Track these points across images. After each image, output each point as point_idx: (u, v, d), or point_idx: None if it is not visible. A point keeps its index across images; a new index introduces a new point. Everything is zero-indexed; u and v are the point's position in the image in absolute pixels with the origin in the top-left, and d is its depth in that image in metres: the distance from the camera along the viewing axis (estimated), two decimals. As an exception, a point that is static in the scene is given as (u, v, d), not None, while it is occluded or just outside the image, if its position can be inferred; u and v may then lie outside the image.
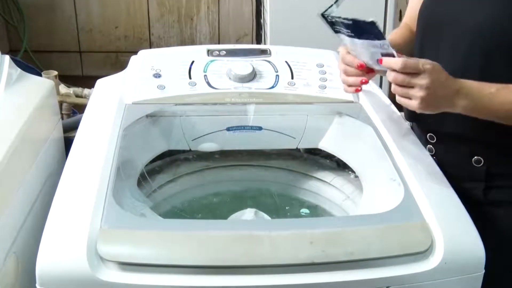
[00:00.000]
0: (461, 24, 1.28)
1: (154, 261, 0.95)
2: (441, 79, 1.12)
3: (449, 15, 1.32)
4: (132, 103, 1.45)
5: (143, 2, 4.28)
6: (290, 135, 1.49)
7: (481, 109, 1.17)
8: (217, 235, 1.01)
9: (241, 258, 0.96)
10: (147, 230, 1.02)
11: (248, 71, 1.50)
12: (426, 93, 1.10)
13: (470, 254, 1.04)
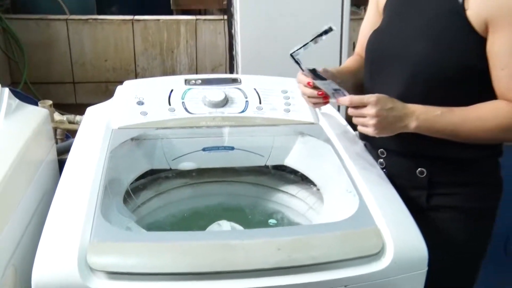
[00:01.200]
0: (402, 57, 1.31)
1: (140, 269, 0.96)
2: (386, 106, 1.18)
3: (391, 49, 1.35)
4: (118, 128, 1.46)
5: (129, 38, 4.31)
6: (259, 153, 1.51)
7: (430, 129, 1.22)
8: (195, 245, 1.02)
9: (217, 265, 0.97)
10: (133, 242, 1.03)
11: (221, 97, 1.51)
12: (376, 120, 1.17)
13: (416, 254, 1.07)
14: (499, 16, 1.18)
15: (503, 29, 1.18)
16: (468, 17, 1.22)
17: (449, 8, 1.24)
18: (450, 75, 1.25)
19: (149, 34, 4.35)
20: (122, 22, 4.37)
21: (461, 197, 1.36)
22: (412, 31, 1.30)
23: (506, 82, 1.21)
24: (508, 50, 1.18)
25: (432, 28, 1.27)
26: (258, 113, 1.51)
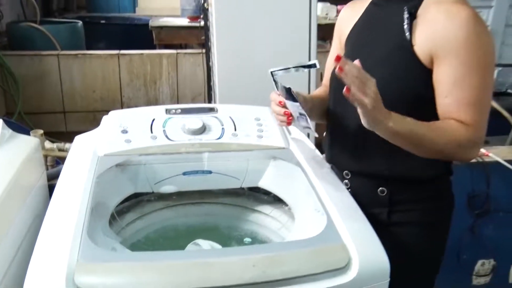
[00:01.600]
0: None
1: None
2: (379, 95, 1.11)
3: None
4: (104, 155, 1.44)
5: (115, 71, 4.33)
6: (235, 176, 1.50)
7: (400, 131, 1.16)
8: (176, 263, 1.01)
9: (197, 282, 0.96)
10: (118, 262, 1.02)
11: (199, 125, 1.51)
12: (376, 96, 1.09)
13: (378, 266, 1.08)
14: (441, 50, 1.21)
15: (445, 62, 1.21)
16: (416, 52, 1.24)
17: (400, 44, 1.27)
18: (404, 103, 1.26)
19: (134, 67, 4.36)
20: (109, 56, 4.39)
21: (419, 212, 1.37)
22: (370, 63, 1.31)
23: (451, 108, 1.22)
24: (451, 80, 1.20)
25: (387, 61, 1.29)
26: (234, 139, 1.51)
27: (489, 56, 1.22)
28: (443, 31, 1.20)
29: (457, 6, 1.21)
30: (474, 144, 1.24)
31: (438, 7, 1.23)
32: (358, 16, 1.44)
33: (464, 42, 1.18)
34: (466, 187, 2.42)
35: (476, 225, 2.49)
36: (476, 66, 1.19)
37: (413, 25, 1.25)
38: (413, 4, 1.27)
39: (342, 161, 1.43)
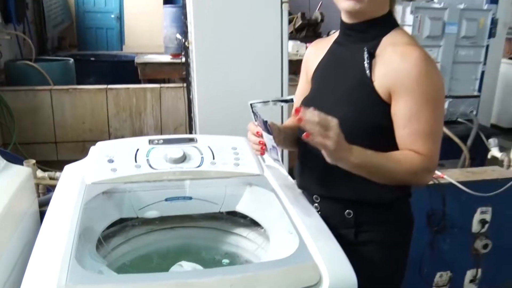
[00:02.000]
0: None
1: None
2: (341, 134, 1.12)
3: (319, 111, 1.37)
4: (91, 183, 1.42)
5: (103, 104, 4.34)
6: (213, 202, 1.49)
7: (361, 164, 1.19)
8: (159, 285, 1.00)
9: (178, 302, 0.94)
10: (104, 284, 1.00)
11: (180, 155, 1.50)
12: (336, 140, 1.10)
13: (347, 283, 1.07)
14: (397, 87, 1.23)
15: (401, 97, 1.23)
16: (375, 88, 1.26)
17: (361, 81, 1.28)
18: (367, 134, 1.28)
19: (120, 100, 4.36)
20: (97, 90, 4.39)
21: (382, 232, 1.38)
22: (334, 98, 1.34)
23: (407, 139, 1.25)
24: (407, 113, 1.23)
25: (350, 96, 1.31)
26: (212, 167, 1.50)
27: (439, 91, 1.25)
28: (399, 70, 1.23)
29: (410, 47, 1.25)
30: (428, 171, 1.26)
31: (394, 48, 1.26)
32: (323, 53, 1.46)
33: (416, 80, 1.21)
34: (425, 206, 2.44)
35: (434, 241, 2.51)
36: (428, 101, 1.22)
37: (372, 64, 1.28)
38: (372, 45, 1.29)
39: (311, 187, 1.43)
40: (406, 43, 1.27)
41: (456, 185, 2.47)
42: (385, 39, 1.30)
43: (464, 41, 3.34)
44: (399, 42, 1.27)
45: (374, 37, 1.31)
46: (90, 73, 6.02)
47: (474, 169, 2.77)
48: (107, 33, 9.58)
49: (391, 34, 1.30)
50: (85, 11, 9.42)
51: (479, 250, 2.60)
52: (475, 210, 2.57)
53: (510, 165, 2.72)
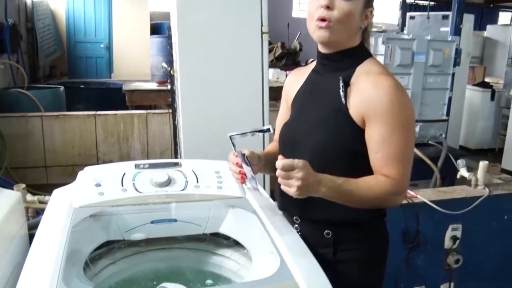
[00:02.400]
0: (305, 144, 1.34)
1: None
2: (309, 171, 1.16)
3: (296, 138, 1.38)
4: (79, 207, 1.39)
5: (92, 129, 4.31)
6: (197, 224, 1.46)
7: (332, 194, 1.22)
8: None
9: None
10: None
11: (165, 179, 1.48)
12: (301, 183, 1.14)
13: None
14: (370, 114, 1.25)
15: (374, 123, 1.24)
16: (350, 114, 1.27)
17: (337, 108, 1.29)
18: (341, 157, 1.29)
19: (108, 125, 4.33)
20: (86, 116, 4.36)
21: (359, 251, 1.37)
22: (312, 123, 1.35)
23: (380, 163, 1.26)
24: (380, 138, 1.24)
25: (327, 122, 1.32)
26: (196, 190, 1.49)
27: (410, 117, 1.27)
28: (372, 97, 1.24)
29: (382, 76, 1.27)
30: (398, 194, 1.27)
31: (367, 78, 1.28)
32: (302, 81, 1.46)
33: (388, 107, 1.22)
34: (400, 224, 2.45)
35: (409, 257, 2.51)
36: (399, 126, 1.23)
37: (347, 92, 1.29)
38: (347, 74, 1.31)
39: (291, 209, 1.42)
40: (378, 72, 1.29)
41: (428, 204, 2.48)
42: (359, 68, 1.31)
43: (432, 69, 3.40)
44: (372, 71, 1.29)
45: (348, 67, 1.32)
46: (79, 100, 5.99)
47: (445, 188, 2.79)
48: (96, 62, 9.57)
49: (365, 63, 1.32)
50: (76, 41, 9.42)
51: (451, 265, 2.60)
52: (447, 227, 2.59)
53: (477, 184, 2.74)
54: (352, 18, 1.26)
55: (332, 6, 1.24)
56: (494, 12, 14.58)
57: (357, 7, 1.26)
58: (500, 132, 6.46)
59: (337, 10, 1.24)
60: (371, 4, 1.31)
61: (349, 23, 1.26)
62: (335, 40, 1.28)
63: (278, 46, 7.56)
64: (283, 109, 1.54)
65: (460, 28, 5.59)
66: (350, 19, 1.26)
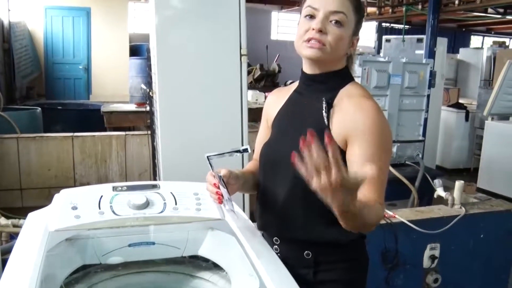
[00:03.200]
0: (286, 163, 1.32)
1: None
2: None
3: (277, 157, 1.38)
4: (54, 230, 1.35)
5: (69, 151, 4.25)
6: (176, 246, 1.44)
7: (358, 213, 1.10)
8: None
9: None
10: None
11: (142, 201, 1.45)
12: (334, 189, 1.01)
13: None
14: (353, 135, 1.25)
15: (356, 144, 1.25)
16: (333, 135, 1.27)
17: (319, 128, 1.28)
18: None
19: (86, 147, 4.28)
20: (63, 138, 4.31)
21: (340, 271, 1.36)
22: (292, 144, 1.34)
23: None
24: (361, 159, 1.23)
25: None
26: (174, 212, 1.46)
27: (389, 141, 1.29)
28: (355, 119, 1.26)
29: (364, 99, 1.29)
30: (382, 217, 1.28)
31: (349, 100, 1.30)
32: (283, 101, 1.47)
33: (370, 128, 1.24)
34: (379, 245, 2.45)
35: (389, 277, 2.52)
36: (380, 148, 1.24)
37: (330, 113, 1.29)
38: (330, 96, 1.32)
39: (271, 229, 1.41)
40: (361, 95, 1.31)
41: (407, 224, 2.50)
42: (342, 91, 1.33)
43: (407, 91, 3.47)
44: (354, 94, 1.31)
45: (332, 89, 1.34)
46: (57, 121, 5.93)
47: (422, 208, 2.82)
48: (74, 83, 9.52)
49: (348, 86, 1.34)
50: (54, 62, 9.38)
51: (430, 284, 2.62)
52: (425, 246, 2.61)
53: (454, 203, 2.78)
54: (342, 43, 1.29)
55: (325, 30, 1.26)
56: (466, 36, 15.01)
57: (347, 34, 1.29)
58: (475, 152, 6.59)
59: (330, 36, 1.26)
60: (358, 33, 1.34)
61: (338, 48, 1.29)
62: (324, 60, 1.30)
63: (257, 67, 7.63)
64: (263, 129, 1.55)
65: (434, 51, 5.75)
66: (340, 45, 1.28)
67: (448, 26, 13.07)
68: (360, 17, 1.33)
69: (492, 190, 5.36)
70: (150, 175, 3.93)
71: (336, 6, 1.27)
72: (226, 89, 2.71)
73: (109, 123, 5.12)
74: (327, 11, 1.27)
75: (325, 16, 1.27)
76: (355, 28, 1.32)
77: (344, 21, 1.27)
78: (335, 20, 1.26)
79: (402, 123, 3.49)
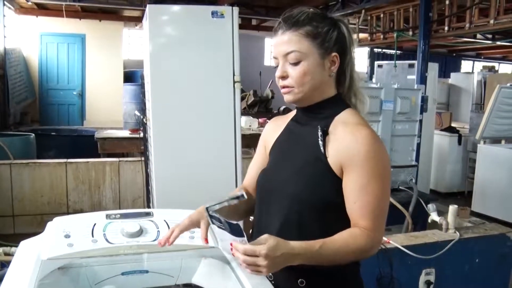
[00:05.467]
0: (282, 191, 1.34)
1: None
2: (276, 254, 1.15)
3: (274, 185, 1.38)
4: (47, 259, 1.33)
5: (63, 177, 4.24)
6: (169, 274, 1.43)
7: (312, 261, 1.22)
8: None
9: None
10: None
11: (136, 229, 1.45)
12: (267, 268, 1.16)
13: None
14: (349, 163, 1.26)
15: (352, 172, 1.26)
16: (329, 163, 1.29)
17: (316, 156, 1.31)
18: (318, 207, 1.29)
19: (79, 173, 4.27)
20: (57, 164, 4.30)
21: (335, 299, 1.35)
22: (290, 172, 1.36)
23: (358, 213, 1.26)
24: (357, 188, 1.25)
25: (305, 171, 1.33)
26: (168, 240, 1.46)
27: (386, 168, 1.29)
28: (349, 147, 1.26)
29: (359, 127, 1.29)
30: (374, 246, 1.27)
31: (344, 127, 1.30)
32: (281, 129, 1.48)
33: (365, 157, 1.24)
34: (374, 271, 2.44)
35: (385, 303, 2.49)
36: (376, 176, 1.25)
37: (326, 141, 1.30)
38: (325, 123, 1.33)
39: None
40: (356, 122, 1.31)
41: (401, 249, 2.50)
42: (337, 118, 1.34)
43: (400, 116, 3.50)
44: (349, 122, 1.32)
45: (327, 117, 1.35)
46: (51, 147, 5.92)
47: (417, 233, 2.82)
48: (69, 109, 9.55)
49: (343, 113, 1.35)
50: (48, 88, 9.42)
51: (426, 311, 2.60)
52: (420, 272, 2.60)
53: (448, 228, 2.78)
54: (308, 76, 1.29)
55: (286, 74, 1.31)
56: (457, 61, 15.24)
57: (311, 64, 1.29)
58: (469, 175, 6.62)
59: (291, 77, 1.30)
60: (333, 49, 1.31)
61: (308, 82, 1.30)
62: (301, 99, 1.33)
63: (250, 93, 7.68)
64: (259, 154, 1.55)
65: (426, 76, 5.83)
66: (306, 78, 1.29)
67: (439, 51, 13.28)
68: (324, 36, 1.30)
69: (486, 213, 5.37)
70: (144, 202, 3.92)
71: (286, 48, 1.29)
72: (220, 116, 2.73)
73: (103, 149, 5.12)
74: (282, 55, 1.31)
75: (284, 61, 1.31)
76: (321, 50, 1.29)
77: (299, 57, 1.29)
78: (291, 61, 1.30)
79: (395, 148, 3.52)
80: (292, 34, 1.29)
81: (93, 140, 5.22)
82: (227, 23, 2.72)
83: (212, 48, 2.72)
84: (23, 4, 8.60)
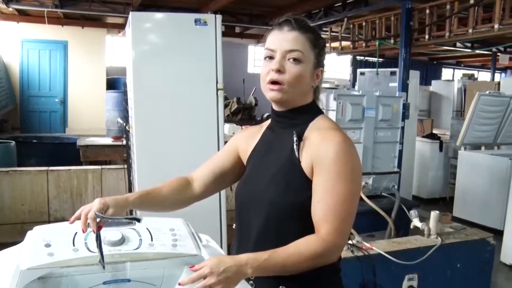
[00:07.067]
0: (260, 200, 1.36)
1: None
2: (220, 270, 1.17)
3: (252, 195, 1.40)
4: (26, 269, 1.31)
5: (43, 185, 4.18)
6: (152, 283, 1.41)
7: (263, 271, 1.22)
8: None
9: None
10: None
11: (118, 237, 1.44)
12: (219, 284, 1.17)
13: None
14: (318, 164, 1.28)
15: (321, 173, 1.27)
16: (302, 167, 1.31)
17: (291, 161, 1.33)
18: (295, 213, 1.31)
19: (61, 181, 4.22)
20: (38, 172, 4.24)
21: (316, 306, 1.35)
22: (266, 180, 1.37)
23: (320, 213, 1.26)
24: (323, 188, 1.26)
25: (280, 177, 1.34)
26: (150, 249, 1.44)
27: (355, 171, 1.29)
28: (320, 150, 1.29)
29: (331, 131, 1.32)
30: (332, 251, 1.26)
31: (318, 132, 1.33)
32: (257, 139, 1.50)
33: (333, 158, 1.26)
34: (357, 277, 2.45)
35: (368, 310, 2.50)
36: (343, 178, 1.26)
37: (300, 146, 1.32)
38: (300, 130, 1.36)
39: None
40: (329, 127, 1.34)
41: (384, 255, 2.51)
42: (312, 124, 1.37)
43: (382, 123, 3.53)
44: (322, 127, 1.35)
45: (302, 123, 1.37)
46: (32, 155, 5.84)
47: (399, 239, 2.84)
48: (50, 116, 9.44)
49: (317, 120, 1.38)
50: (29, 95, 9.32)
51: (409, 316, 2.61)
52: (403, 277, 2.62)
53: (430, 234, 2.81)
54: (302, 79, 1.32)
55: (283, 69, 1.30)
56: (437, 68, 15.49)
57: (307, 69, 1.33)
58: (450, 181, 6.71)
59: (288, 74, 1.30)
60: (321, 64, 1.38)
61: (300, 85, 1.33)
62: (287, 100, 1.34)
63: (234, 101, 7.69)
64: (224, 151, 1.57)
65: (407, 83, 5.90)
66: (300, 81, 1.32)
67: (420, 59, 13.48)
68: (320, 49, 1.36)
69: (467, 218, 5.45)
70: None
71: (291, 45, 1.31)
72: (203, 123, 2.73)
73: (85, 157, 5.07)
74: (283, 50, 1.31)
75: (282, 56, 1.31)
76: (315, 61, 1.35)
77: (302, 58, 1.31)
78: (292, 58, 1.31)
79: (377, 155, 3.54)
80: (300, 34, 1.32)
81: (75, 148, 5.18)
82: (210, 30, 2.72)
83: (195, 56, 2.72)
84: (4, 10, 8.50)
